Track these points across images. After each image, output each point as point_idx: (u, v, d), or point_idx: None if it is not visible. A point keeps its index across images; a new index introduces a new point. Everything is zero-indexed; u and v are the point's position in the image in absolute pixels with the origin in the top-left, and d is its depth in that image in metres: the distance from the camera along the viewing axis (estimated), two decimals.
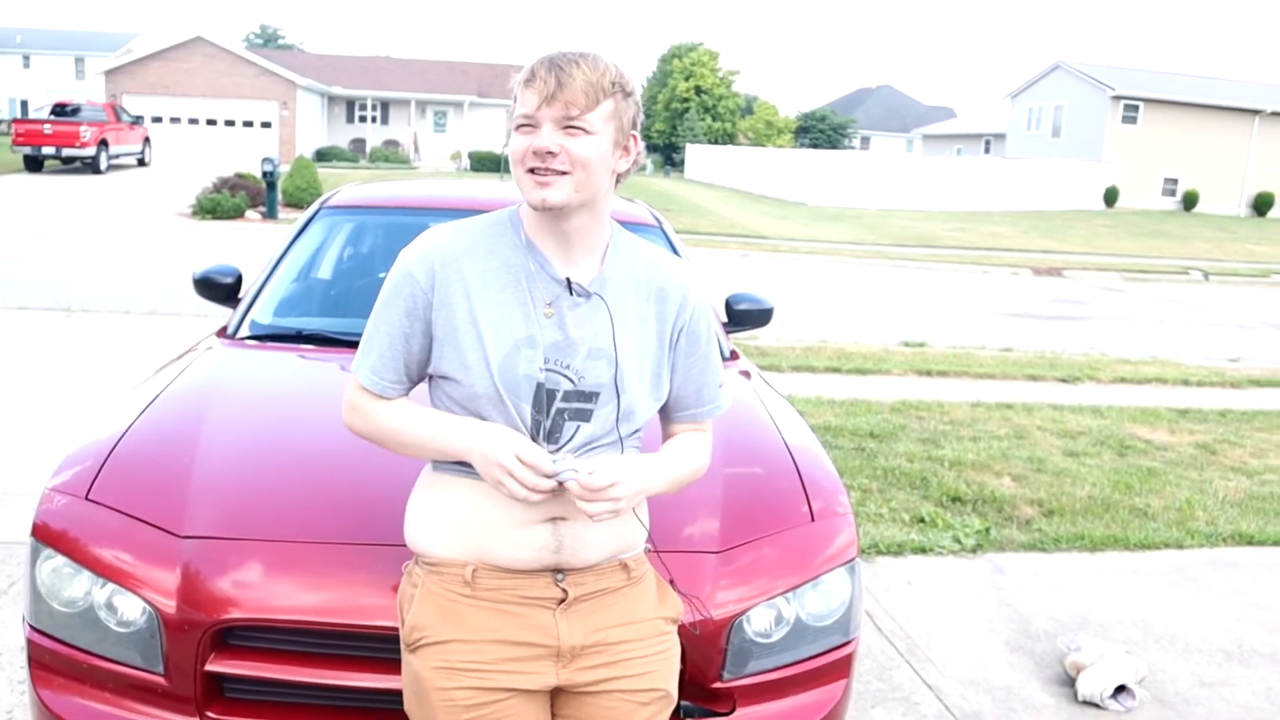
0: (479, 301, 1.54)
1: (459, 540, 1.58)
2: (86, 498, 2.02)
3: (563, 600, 1.58)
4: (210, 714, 1.85)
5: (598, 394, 1.56)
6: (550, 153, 1.46)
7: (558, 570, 1.58)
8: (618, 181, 1.58)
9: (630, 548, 1.65)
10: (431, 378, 1.62)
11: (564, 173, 1.47)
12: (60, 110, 25.75)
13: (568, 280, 1.55)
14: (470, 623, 1.56)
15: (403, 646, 1.63)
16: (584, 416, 1.56)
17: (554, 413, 1.55)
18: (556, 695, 1.63)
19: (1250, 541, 4.58)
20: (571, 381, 1.54)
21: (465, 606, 1.57)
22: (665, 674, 1.66)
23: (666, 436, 1.73)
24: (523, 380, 1.53)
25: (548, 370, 1.54)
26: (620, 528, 1.61)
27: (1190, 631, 3.67)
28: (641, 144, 1.59)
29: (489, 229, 1.60)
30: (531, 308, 1.54)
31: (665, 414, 1.71)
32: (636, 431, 1.64)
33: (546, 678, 1.58)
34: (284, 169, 20.33)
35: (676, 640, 1.71)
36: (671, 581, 1.74)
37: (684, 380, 1.67)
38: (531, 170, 1.48)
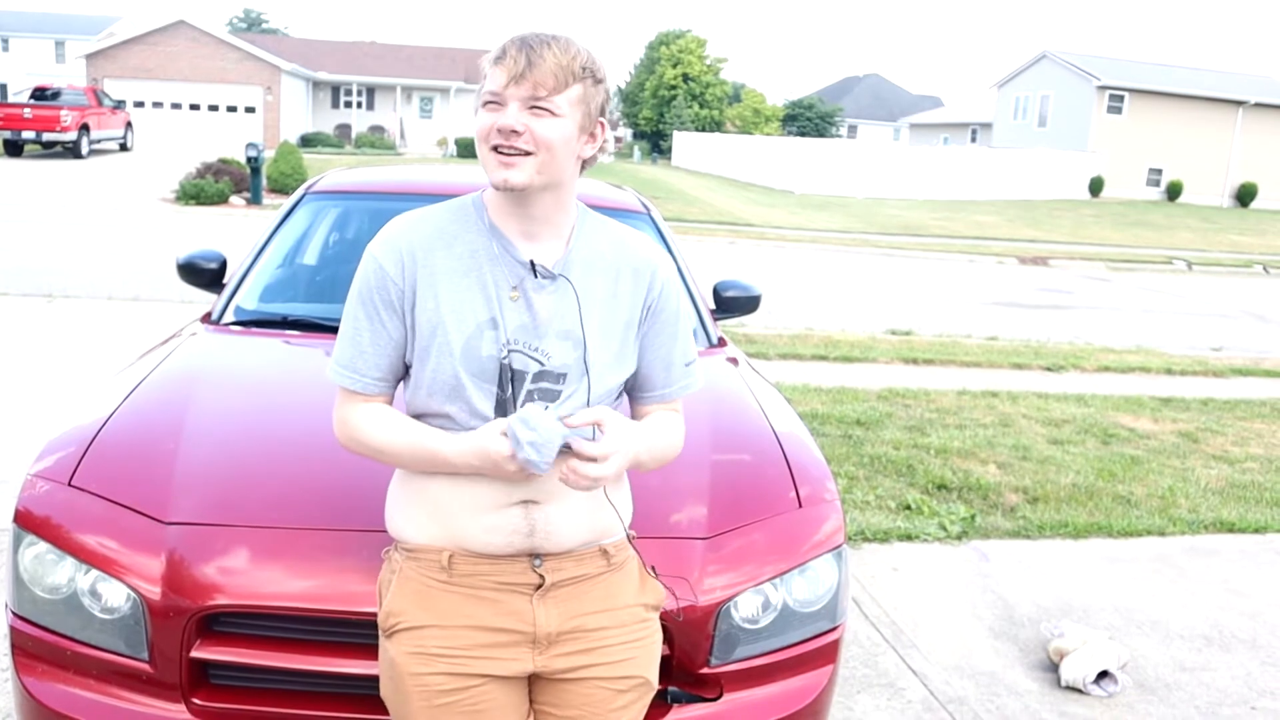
0: (444, 289, 1.53)
1: (434, 526, 1.57)
2: (69, 484, 2.00)
3: (540, 586, 1.56)
4: (196, 700, 1.84)
5: (565, 374, 1.55)
6: (515, 131, 1.45)
7: (534, 555, 1.57)
8: (583, 167, 1.57)
9: (608, 533, 1.63)
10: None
11: (528, 153, 1.46)
12: (40, 94, 25.46)
13: (531, 263, 1.54)
14: (445, 608, 1.56)
15: (380, 631, 1.62)
16: (551, 397, 1.55)
17: (524, 395, 1.54)
18: (535, 682, 1.62)
19: (1231, 529, 4.62)
20: (540, 363, 1.54)
21: (441, 592, 1.56)
22: (645, 662, 1.65)
23: (638, 417, 1.71)
24: (486, 361, 1.52)
25: (515, 351, 1.53)
26: (595, 511, 1.60)
27: (1171, 618, 3.71)
28: (609, 131, 1.59)
29: (452, 215, 1.58)
30: (494, 290, 1.53)
31: (634, 395, 1.69)
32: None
33: (523, 664, 1.57)
34: (269, 154, 20.19)
35: (658, 627, 1.70)
36: (652, 569, 1.74)
37: (652, 359, 1.65)
38: (495, 149, 1.47)
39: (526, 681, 1.62)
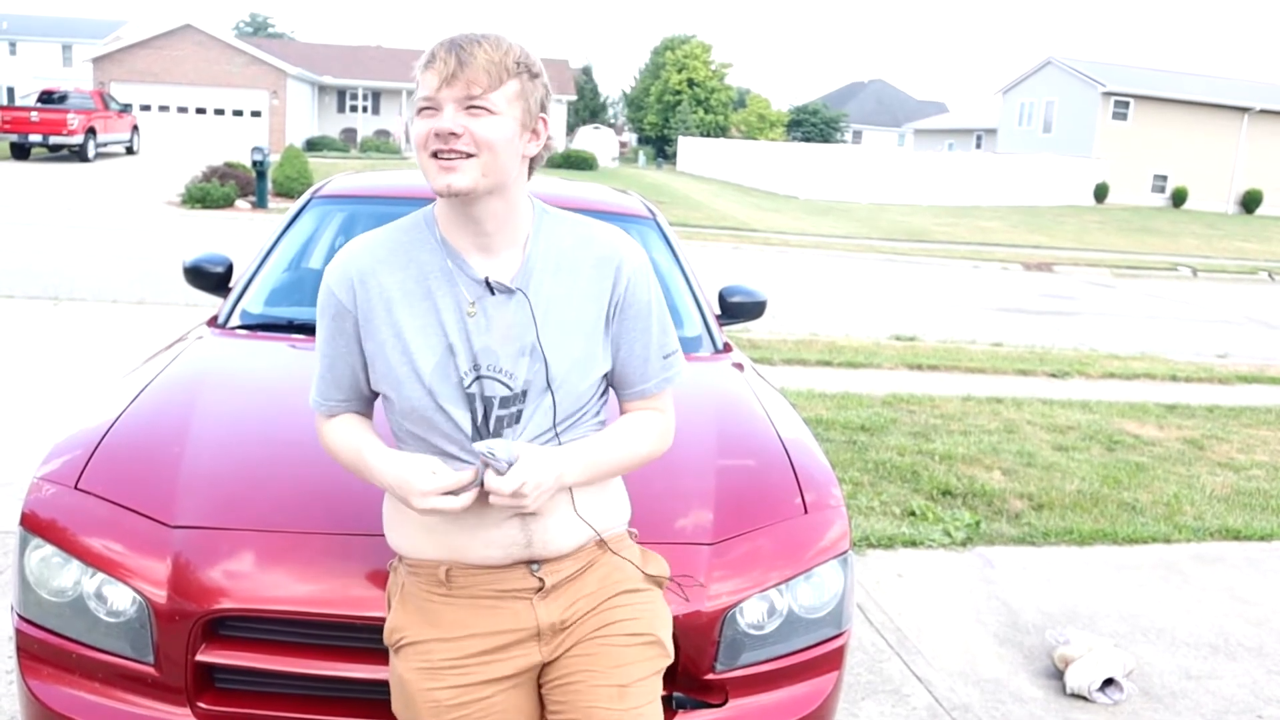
0: (401, 313, 1.51)
1: (430, 542, 1.56)
2: (76, 487, 2.01)
3: (540, 589, 1.56)
4: (201, 704, 1.84)
5: (526, 392, 1.52)
6: (453, 134, 1.41)
7: (532, 562, 1.56)
8: (531, 168, 1.54)
9: (606, 530, 1.62)
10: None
11: (469, 155, 1.43)
12: (47, 98, 25.55)
13: (486, 280, 1.51)
14: (447, 621, 1.55)
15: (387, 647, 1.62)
16: (517, 418, 1.52)
17: (494, 420, 1.51)
18: (543, 670, 1.60)
19: (1237, 536, 4.61)
20: (508, 387, 1.51)
21: (441, 605, 1.56)
22: (653, 621, 1.62)
23: (621, 414, 1.68)
24: (455, 387, 1.50)
25: (481, 376, 1.50)
26: (590, 514, 1.58)
27: (1177, 625, 3.70)
28: (552, 128, 1.54)
29: (404, 235, 1.56)
30: (453, 313, 1.50)
31: (616, 392, 1.66)
32: (593, 415, 1.60)
33: (531, 658, 1.56)
34: (274, 158, 20.22)
35: (663, 600, 1.68)
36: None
37: (628, 354, 1.60)
38: (435, 154, 1.43)
39: (534, 680, 1.61)
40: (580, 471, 1.53)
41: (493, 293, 1.51)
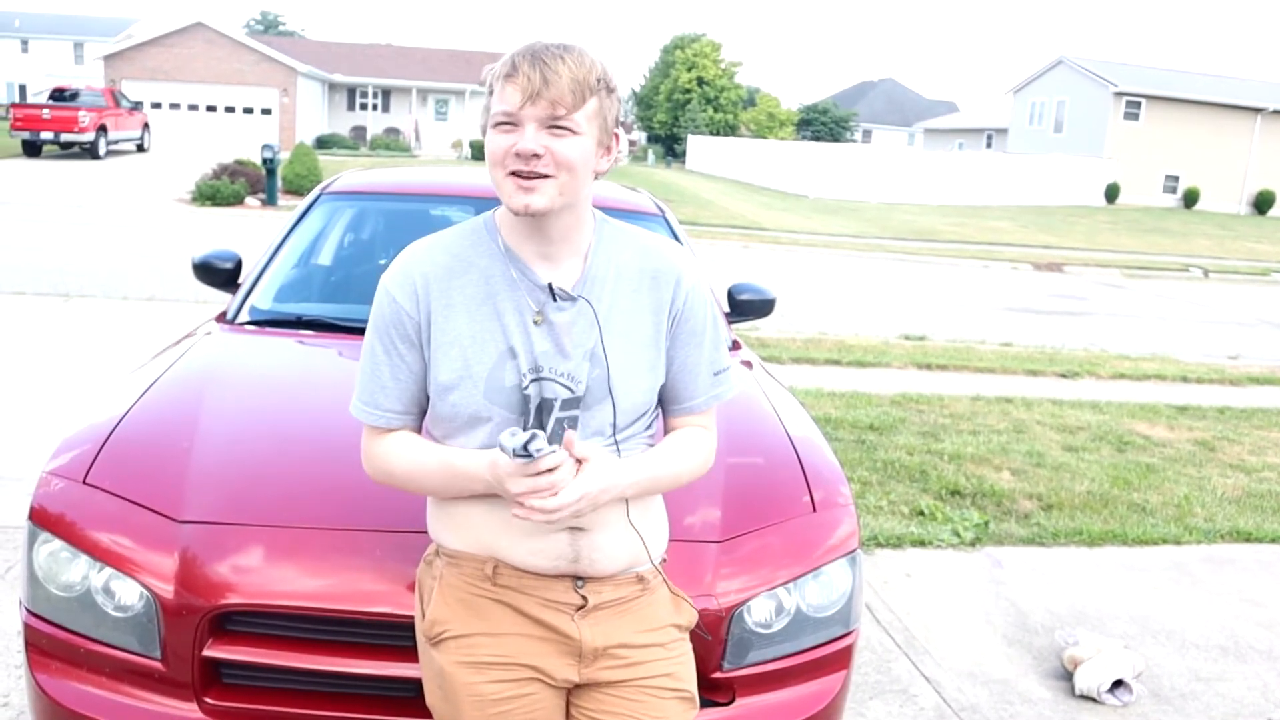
0: (461, 318, 1.50)
1: (476, 540, 1.55)
2: (84, 482, 2.01)
3: (581, 607, 1.55)
4: (208, 699, 1.84)
5: (584, 397, 1.51)
6: (535, 155, 1.39)
7: (576, 577, 1.55)
8: (595, 177, 1.53)
9: (643, 560, 1.61)
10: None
11: (548, 176, 1.41)
12: (59, 95, 25.67)
13: (550, 286, 1.50)
14: (492, 616, 1.54)
15: (420, 639, 1.61)
16: (575, 423, 1.52)
17: (553, 422, 1.50)
18: (575, 693, 1.60)
19: (1248, 538, 4.58)
20: (570, 390, 1.50)
21: (486, 600, 1.54)
22: (685, 676, 1.64)
23: (667, 431, 1.67)
24: (509, 391, 1.49)
25: (544, 379, 1.49)
26: (637, 539, 1.58)
27: (1187, 627, 3.68)
28: (623, 142, 1.54)
29: (465, 240, 1.55)
30: (515, 317, 1.49)
31: (664, 407, 1.65)
32: (644, 428, 1.59)
33: (568, 673, 1.56)
34: (284, 156, 20.29)
35: (690, 648, 1.69)
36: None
37: (680, 369, 1.60)
38: (514, 173, 1.42)
39: (565, 698, 1.60)
40: (636, 487, 1.53)
41: (555, 299, 1.50)
